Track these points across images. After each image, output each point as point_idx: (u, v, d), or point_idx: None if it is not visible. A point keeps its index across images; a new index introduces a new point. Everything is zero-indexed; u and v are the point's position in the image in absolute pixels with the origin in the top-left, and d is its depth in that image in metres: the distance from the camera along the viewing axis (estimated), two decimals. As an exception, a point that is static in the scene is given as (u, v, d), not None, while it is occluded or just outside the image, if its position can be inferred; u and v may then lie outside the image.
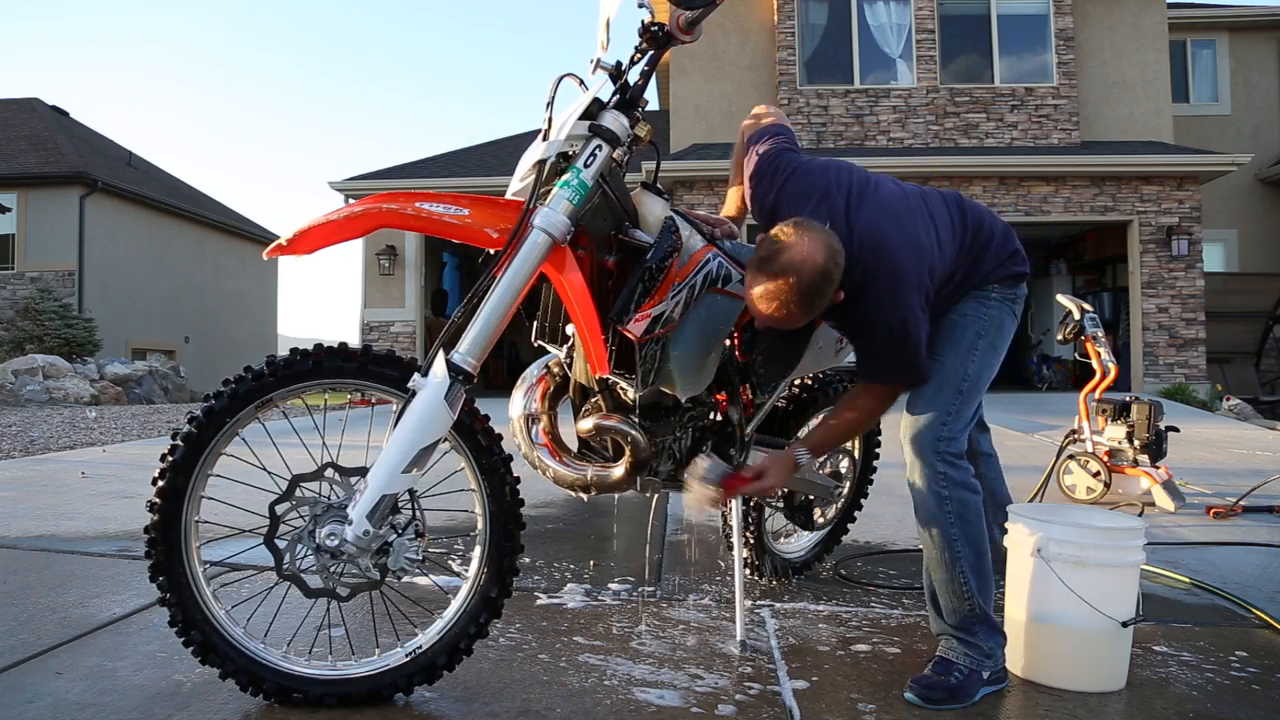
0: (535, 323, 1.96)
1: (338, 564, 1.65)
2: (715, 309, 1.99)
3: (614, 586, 2.67)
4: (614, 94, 1.81)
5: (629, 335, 1.78)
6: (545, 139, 1.75)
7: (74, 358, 13.30)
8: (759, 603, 2.52)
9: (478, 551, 1.83)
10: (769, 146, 1.99)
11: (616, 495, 1.99)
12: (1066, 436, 4.27)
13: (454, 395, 1.60)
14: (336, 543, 1.61)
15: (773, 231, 1.75)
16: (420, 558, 1.70)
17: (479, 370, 1.64)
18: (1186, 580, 2.78)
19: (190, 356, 17.57)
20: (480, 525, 1.82)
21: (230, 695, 1.74)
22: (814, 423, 2.79)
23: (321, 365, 1.69)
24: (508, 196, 1.77)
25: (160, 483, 1.63)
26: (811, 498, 2.63)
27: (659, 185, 1.94)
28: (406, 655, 1.78)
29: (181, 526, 1.65)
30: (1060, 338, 4.36)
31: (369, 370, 1.71)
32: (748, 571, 2.66)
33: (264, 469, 1.70)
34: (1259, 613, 2.45)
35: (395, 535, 1.65)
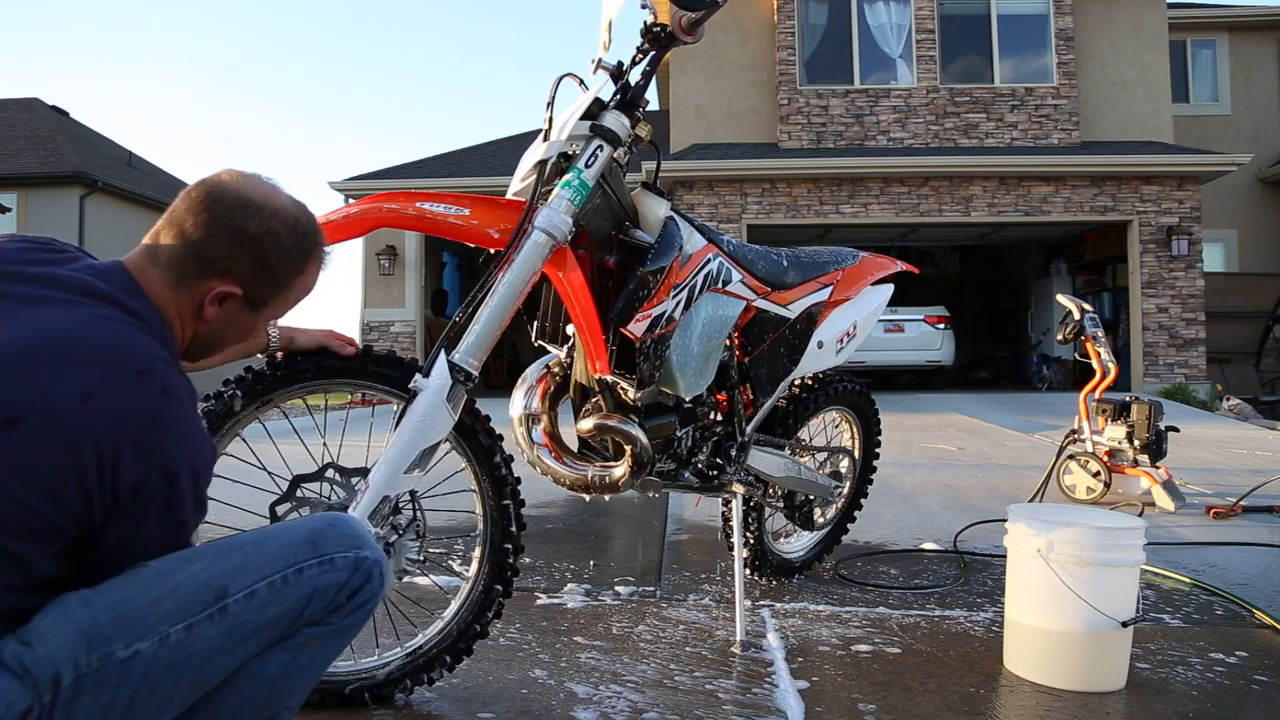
0: (535, 323, 1.97)
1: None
2: (715, 309, 1.99)
3: (614, 587, 2.67)
4: (615, 94, 1.81)
5: (630, 335, 1.78)
6: (546, 139, 1.75)
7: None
8: (759, 603, 2.52)
9: (478, 551, 1.83)
10: None
11: (616, 495, 1.99)
12: (1066, 436, 4.27)
13: (455, 396, 1.60)
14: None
15: None
16: (421, 558, 1.70)
17: (480, 371, 1.64)
18: (1187, 580, 2.78)
19: (190, 356, 17.51)
20: (481, 525, 1.83)
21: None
22: (814, 422, 2.80)
23: (322, 365, 1.69)
24: (508, 196, 1.78)
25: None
26: (811, 498, 2.63)
27: (659, 185, 1.94)
28: (406, 655, 1.78)
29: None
30: (1060, 338, 4.36)
31: (369, 371, 1.71)
32: (748, 571, 2.66)
33: (265, 469, 1.70)
34: (1259, 613, 2.46)
35: (396, 536, 1.65)
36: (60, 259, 1.14)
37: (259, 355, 1.68)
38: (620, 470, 1.88)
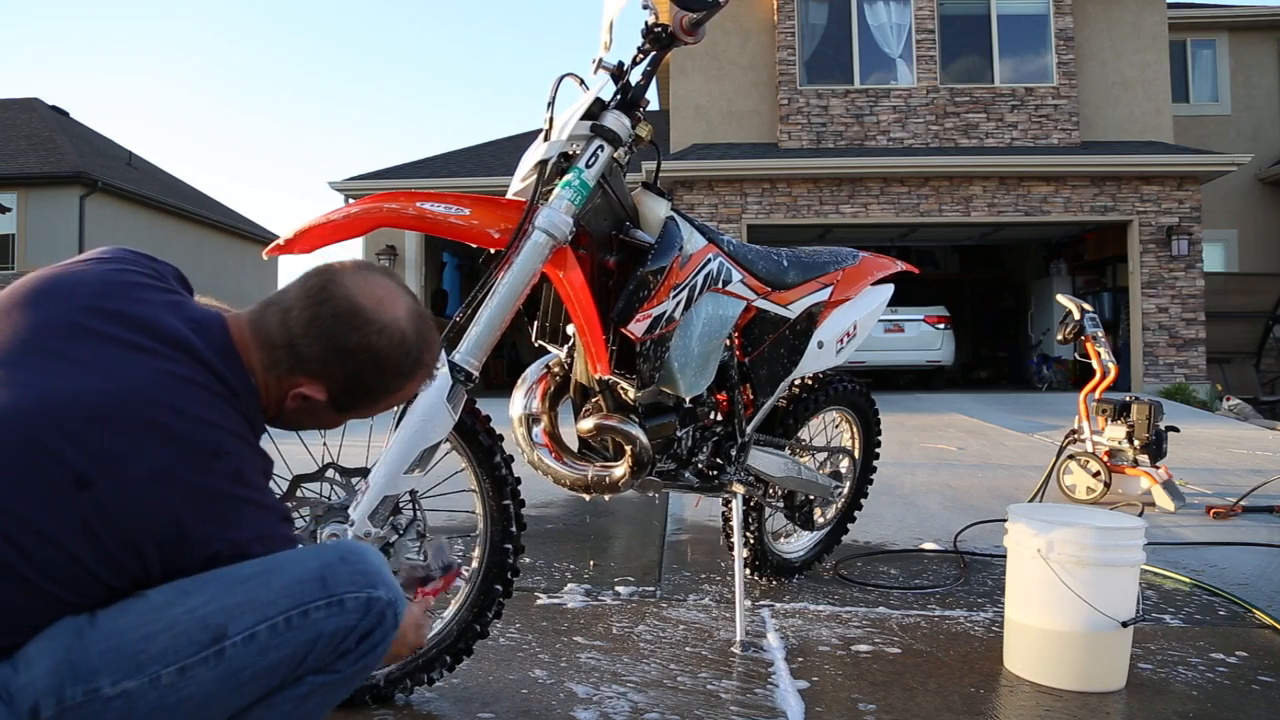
0: (536, 323, 1.97)
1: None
2: (716, 309, 1.99)
3: (614, 587, 2.67)
4: (615, 94, 1.81)
5: (630, 335, 1.78)
6: (547, 139, 1.75)
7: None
8: (759, 603, 2.52)
9: (478, 552, 1.83)
10: None
11: (616, 495, 1.99)
12: (1066, 436, 4.27)
13: (455, 396, 1.60)
14: (338, 543, 1.61)
15: None
16: (421, 558, 1.70)
17: (480, 371, 1.64)
18: (1187, 580, 2.78)
19: (190, 356, 17.49)
20: (481, 525, 1.83)
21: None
22: (814, 422, 2.80)
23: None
24: (509, 196, 1.78)
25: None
26: (811, 498, 2.63)
27: (659, 185, 1.94)
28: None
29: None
30: (1060, 338, 4.36)
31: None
32: (748, 571, 2.67)
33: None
34: (1259, 613, 2.46)
35: (396, 536, 1.65)
36: (159, 294, 1.11)
37: None
38: (620, 470, 1.88)
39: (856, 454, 2.92)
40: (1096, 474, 4.02)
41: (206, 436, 1.02)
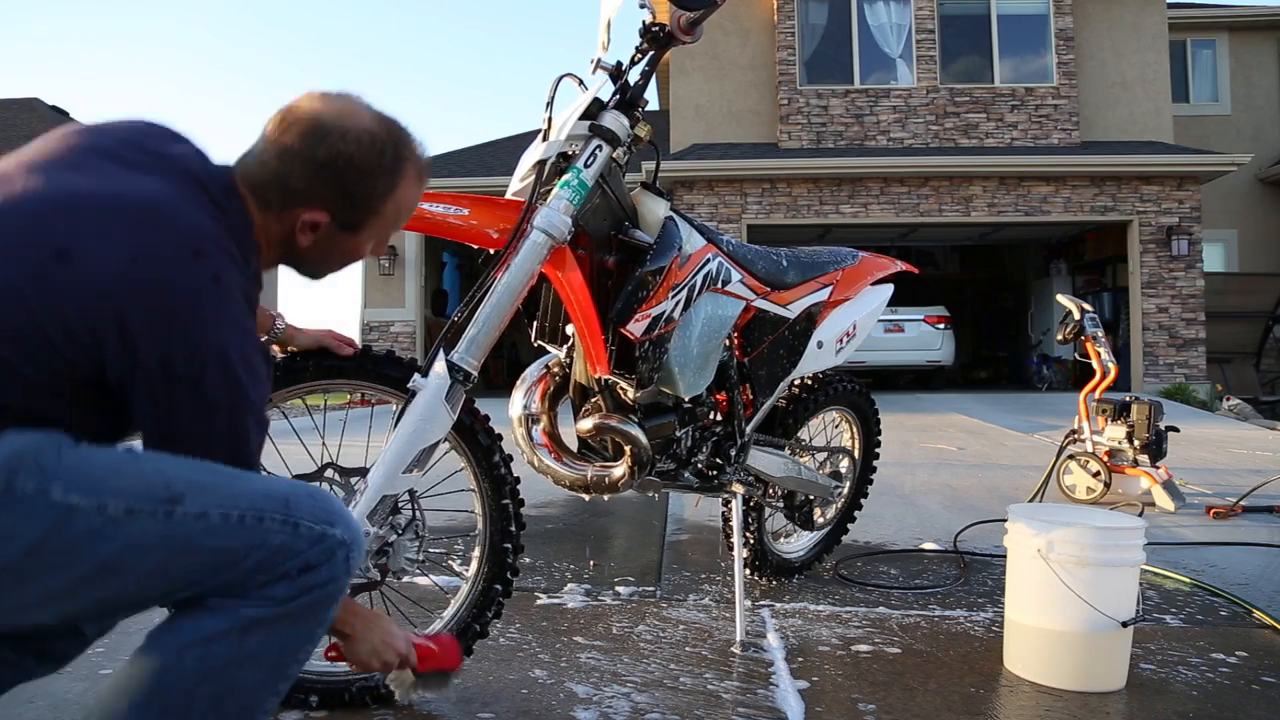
0: (535, 323, 1.96)
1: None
2: (715, 309, 1.99)
3: (614, 587, 2.67)
4: (614, 94, 1.81)
5: (629, 335, 1.78)
6: (545, 139, 1.75)
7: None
8: (759, 603, 2.52)
9: (478, 551, 1.83)
10: None
11: (616, 495, 1.99)
12: (1066, 436, 4.27)
13: (454, 395, 1.60)
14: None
15: None
16: (420, 558, 1.70)
17: (479, 370, 1.64)
18: (1187, 580, 2.78)
19: (190, 357, 17.49)
20: (480, 525, 1.83)
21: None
22: (814, 422, 2.80)
23: (320, 365, 1.69)
24: (508, 197, 1.78)
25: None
26: (811, 498, 2.63)
27: (659, 185, 1.94)
28: (406, 655, 1.78)
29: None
30: (1060, 338, 4.36)
31: (368, 370, 1.71)
32: (748, 571, 2.66)
33: (263, 469, 1.70)
34: (1259, 613, 2.45)
35: (395, 535, 1.65)
36: (182, 145, 1.18)
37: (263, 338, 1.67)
38: (620, 470, 1.88)
39: (856, 454, 2.92)
40: (1096, 474, 4.02)
41: (191, 235, 1.05)
